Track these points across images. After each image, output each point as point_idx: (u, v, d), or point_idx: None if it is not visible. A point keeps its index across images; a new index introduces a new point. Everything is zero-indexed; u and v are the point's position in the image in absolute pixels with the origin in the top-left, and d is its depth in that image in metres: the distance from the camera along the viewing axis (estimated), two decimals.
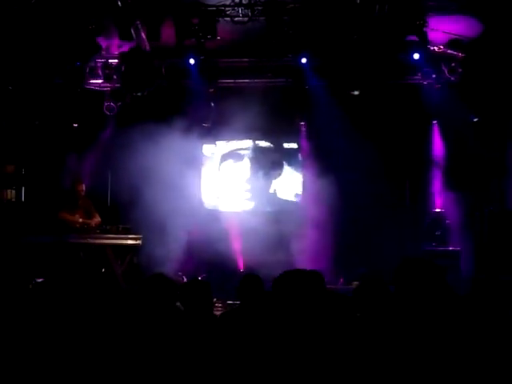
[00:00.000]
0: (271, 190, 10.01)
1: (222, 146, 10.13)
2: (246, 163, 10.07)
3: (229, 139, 10.06)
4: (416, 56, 8.70)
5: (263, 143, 10.04)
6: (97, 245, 8.15)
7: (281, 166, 10.01)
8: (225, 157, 10.14)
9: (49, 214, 8.39)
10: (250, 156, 10.02)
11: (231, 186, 10.11)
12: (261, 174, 9.92)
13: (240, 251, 9.25)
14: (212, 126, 9.62)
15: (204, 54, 8.87)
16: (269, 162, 9.94)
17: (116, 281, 7.72)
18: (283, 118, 9.64)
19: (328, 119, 9.23)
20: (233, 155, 10.11)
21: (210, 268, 9.11)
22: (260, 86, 9.59)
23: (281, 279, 2.97)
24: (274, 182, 10.01)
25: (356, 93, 9.09)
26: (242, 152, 10.08)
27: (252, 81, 9.57)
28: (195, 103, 9.39)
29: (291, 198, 10.02)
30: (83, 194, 8.44)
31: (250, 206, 10.03)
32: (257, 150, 10.01)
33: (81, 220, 8.24)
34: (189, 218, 9.04)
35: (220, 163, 10.14)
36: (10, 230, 8.17)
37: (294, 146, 10.06)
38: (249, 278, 4.47)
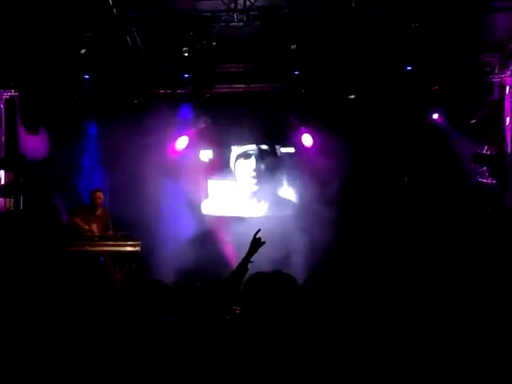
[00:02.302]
0: (281, 193, 10.00)
1: (236, 149, 10.06)
2: (252, 161, 10.03)
3: (230, 145, 10.02)
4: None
5: (264, 146, 10.00)
6: (95, 252, 8.15)
7: (278, 168, 9.99)
8: (237, 157, 10.08)
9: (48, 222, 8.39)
10: (255, 154, 9.98)
11: (240, 189, 10.05)
12: (264, 172, 9.89)
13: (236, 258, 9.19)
14: (206, 131, 9.62)
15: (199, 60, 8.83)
16: (269, 163, 9.92)
17: (115, 288, 7.72)
18: (279, 123, 9.62)
19: (325, 122, 9.23)
20: (243, 155, 10.06)
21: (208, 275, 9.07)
22: (256, 91, 9.59)
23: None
24: (280, 184, 9.98)
25: (352, 96, 9.11)
26: (250, 152, 10.03)
27: (248, 86, 9.56)
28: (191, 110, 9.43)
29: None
30: (101, 201, 8.47)
31: (261, 210, 9.96)
32: (260, 150, 9.98)
33: (87, 227, 8.24)
34: (189, 224, 9.04)
35: (234, 163, 10.08)
36: (9, 239, 8.15)
37: (291, 150, 10.03)
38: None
